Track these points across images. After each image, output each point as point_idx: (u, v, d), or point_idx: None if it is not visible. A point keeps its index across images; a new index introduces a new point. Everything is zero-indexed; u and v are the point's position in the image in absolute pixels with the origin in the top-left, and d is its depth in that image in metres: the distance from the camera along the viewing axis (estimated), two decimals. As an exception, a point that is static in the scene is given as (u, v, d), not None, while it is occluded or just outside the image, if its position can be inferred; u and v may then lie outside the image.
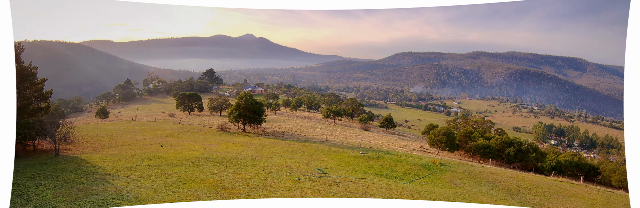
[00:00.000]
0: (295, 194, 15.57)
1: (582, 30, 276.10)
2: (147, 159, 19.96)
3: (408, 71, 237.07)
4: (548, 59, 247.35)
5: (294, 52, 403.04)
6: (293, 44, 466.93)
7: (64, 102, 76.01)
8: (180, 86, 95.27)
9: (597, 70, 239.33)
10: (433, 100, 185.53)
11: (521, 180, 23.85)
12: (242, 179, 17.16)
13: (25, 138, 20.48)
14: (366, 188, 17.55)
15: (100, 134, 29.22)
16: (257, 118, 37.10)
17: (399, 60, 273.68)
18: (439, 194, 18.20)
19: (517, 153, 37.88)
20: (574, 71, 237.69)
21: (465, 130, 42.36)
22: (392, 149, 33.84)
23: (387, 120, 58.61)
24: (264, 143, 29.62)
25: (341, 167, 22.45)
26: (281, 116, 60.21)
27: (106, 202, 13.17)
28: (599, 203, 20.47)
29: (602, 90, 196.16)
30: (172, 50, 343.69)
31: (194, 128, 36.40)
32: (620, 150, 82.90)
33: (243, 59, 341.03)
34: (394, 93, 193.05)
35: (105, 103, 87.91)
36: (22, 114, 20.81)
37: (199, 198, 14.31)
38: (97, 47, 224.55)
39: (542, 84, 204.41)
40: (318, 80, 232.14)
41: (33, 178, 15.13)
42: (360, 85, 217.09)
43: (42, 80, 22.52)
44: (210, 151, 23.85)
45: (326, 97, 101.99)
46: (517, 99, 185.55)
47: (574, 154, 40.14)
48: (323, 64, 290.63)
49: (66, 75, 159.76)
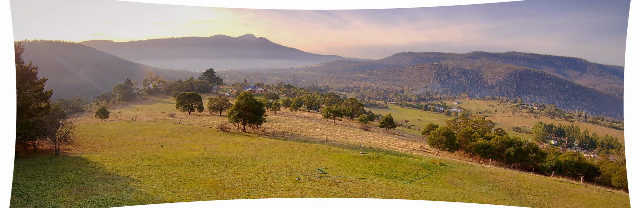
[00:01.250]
0: (295, 194, 15.57)
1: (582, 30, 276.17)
2: (147, 159, 19.96)
3: (408, 71, 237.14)
4: (548, 59, 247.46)
5: (294, 52, 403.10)
6: (316, 44, 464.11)
7: (64, 102, 76.02)
8: (180, 86, 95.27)
9: (597, 70, 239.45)
10: (433, 100, 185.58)
11: (521, 180, 23.85)
12: (242, 179, 17.16)
13: (25, 138, 20.49)
14: (366, 188, 17.55)
15: (100, 134, 29.22)
16: (257, 119, 37.09)
17: (399, 60, 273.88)
18: (439, 194, 18.20)
19: (517, 153, 37.87)
20: (574, 71, 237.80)
21: (465, 130, 42.36)
22: (392, 149, 33.84)
23: (387, 120, 58.61)
24: (264, 143, 29.63)
25: (341, 167, 22.45)
26: (281, 116, 60.22)
27: (106, 202, 13.17)
28: (599, 203, 20.47)
29: (602, 90, 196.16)
30: (172, 50, 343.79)
31: (194, 128, 36.40)
32: (620, 150, 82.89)
33: (243, 59, 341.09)
34: (394, 93, 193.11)
35: (105, 103, 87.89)
36: (22, 114, 20.80)
37: (199, 198, 14.31)
38: (97, 47, 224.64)
39: (542, 84, 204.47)
40: (318, 80, 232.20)
41: (33, 178, 15.13)
42: (360, 85, 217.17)
43: (42, 80, 22.51)
44: (210, 151, 23.85)
45: (326, 97, 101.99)
46: (517, 99, 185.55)
47: (574, 154, 40.16)
48: (323, 64, 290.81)
49: (66, 75, 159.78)
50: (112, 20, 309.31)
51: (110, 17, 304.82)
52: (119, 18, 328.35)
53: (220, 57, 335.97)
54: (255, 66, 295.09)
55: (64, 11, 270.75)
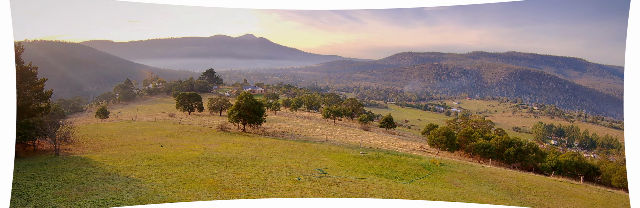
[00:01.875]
0: (295, 194, 15.57)
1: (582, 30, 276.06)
2: (147, 159, 19.96)
3: (408, 71, 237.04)
4: (548, 59, 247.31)
5: (294, 52, 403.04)
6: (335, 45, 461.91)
7: (64, 102, 76.03)
8: (180, 86, 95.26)
9: (597, 70, 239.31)
10: (433, 100, 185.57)
11: (521, 180, 23.85)
12: (242, 179, 17.16)
13: (25, 138, 20.49)
14: (366, 188, 17.55)
15: (100, 134, 29.22)
16: (257, 119, 37.09)
17: (398, 60, 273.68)
18: (439, 194, 18.20)
19: (517, 153, 37.87)
20: (574, 71, 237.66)
21: (465, 130, 42.36)
22: (392, 149, 33.84)
23: (387, 120, 58.60)
24: (264, 143, 29.62)
25: (341, 167, 22.45)
26: (281, 116, 60.22)
27: (106, 202, 13.17)
28: (599, 203, 20.47)
29: (602, 90, 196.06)
30: (172, 50, 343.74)
31: (194, 128, 36.40)
32: (620, 150, 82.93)
33: (243, 59, 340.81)
34: (394, 93, 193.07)
35: (105, 103, 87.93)
36: (22, 114, 20.81)
37: (199, 198, 14.31)
38: (97, 47, 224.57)
39: (542, 84, 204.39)
40: (318, 80, 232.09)
41: (33, 178, 15.13)
42: (360, 85, 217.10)
43: (42, 80, 22.52)
44: (210, 151, 23.85)
45: (326, 97, 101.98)
46: (517, 99, 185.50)
47: (573, 154, 40.17)
48: (323, 64, 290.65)
49: (66, 75, 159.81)
50: (113, 20, 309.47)
51: (110, 16, 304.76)
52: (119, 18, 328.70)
53: (220, 57, 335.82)
54: (255, 66, 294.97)
55: (64, 11, 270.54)
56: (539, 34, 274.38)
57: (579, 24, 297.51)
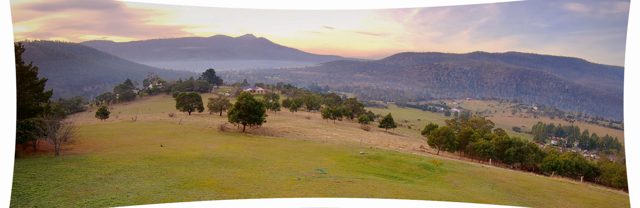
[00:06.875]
0: (295, 194, 15.57)
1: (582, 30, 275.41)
2: (147, 159, 19.95)
3: (408, 71, 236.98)
4: (548, 59, 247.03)
5: (294, 52, 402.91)
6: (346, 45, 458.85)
7: (64, 102, 76.06)
8: (180, 86, 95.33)
9: (597, 70, 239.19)
10: (433, 100, 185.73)
11: (521, 181, 23.86)
12: (242, 179, 17.16)
13: (25, 139, 20.46)
14: (366, 188, 17.55)
15: (100, 134, 29.21)
16: (257, 119, 37.08)
17: (398, 60, 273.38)
18: (439, 194, 18.20)
19: (517, 154, 37.88)
20: (574, 71, 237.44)
21: (465, 131, 42.38)
22: (392, 149, 33.84)
23: (387, 120, 58.61)
24: (264, 143, 29.62)
25: (341, 167, 22.45)
26: (281, 116, 60.22)
27: (106, 202, 13.16)
28: (599, 204, 20.47)
29: (602, 90, 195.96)
30: (172, 50, 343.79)
31: (194, 128, 36.40)
32: (620, 150, 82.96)
33: (243, 59, 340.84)
34: (394, 93, 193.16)
35: (105, 103, 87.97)
36: (22, 114, 20.81)
37: (199, 198, 14.31)
38: (97, 47, 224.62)
39: (542, 84, 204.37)
40: (318, 80, 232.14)
41: (33, 178, 15.13)
42: (360, 85, 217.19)
43: (42, 80, 22.49)
44: (210, 151, 23.85)
45: (326, 97, 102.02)
46: (517, 99, 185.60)
47: (573, 154, 40.21)
48: (323, 64, 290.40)
49: (66, 75, 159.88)
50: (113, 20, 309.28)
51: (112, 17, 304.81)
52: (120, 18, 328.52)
53: (220, 57, 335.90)
54: (255, 66, 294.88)
55: (64, 11, 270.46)
56: (539, 34, 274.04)
57: (579, 24, 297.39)
